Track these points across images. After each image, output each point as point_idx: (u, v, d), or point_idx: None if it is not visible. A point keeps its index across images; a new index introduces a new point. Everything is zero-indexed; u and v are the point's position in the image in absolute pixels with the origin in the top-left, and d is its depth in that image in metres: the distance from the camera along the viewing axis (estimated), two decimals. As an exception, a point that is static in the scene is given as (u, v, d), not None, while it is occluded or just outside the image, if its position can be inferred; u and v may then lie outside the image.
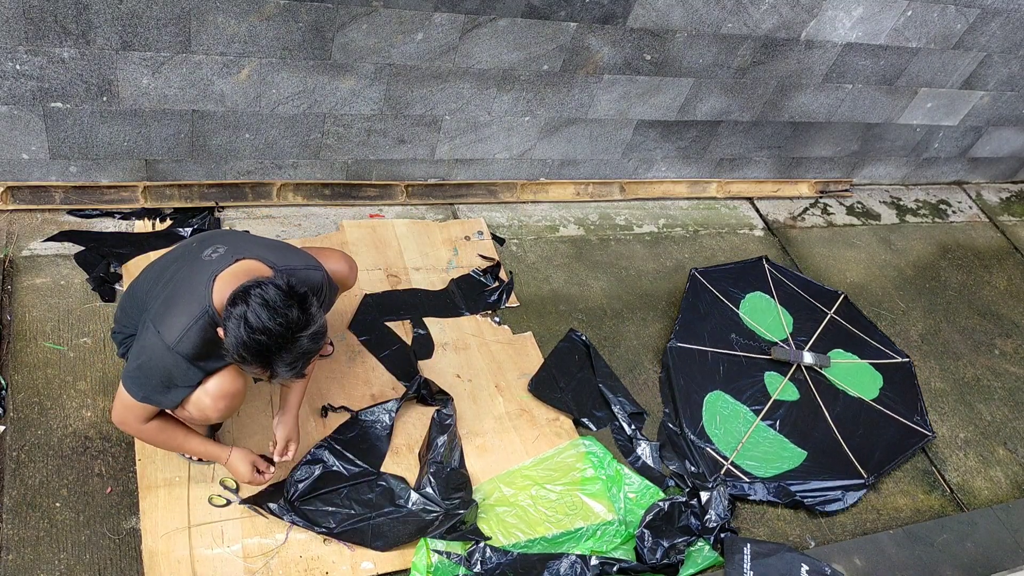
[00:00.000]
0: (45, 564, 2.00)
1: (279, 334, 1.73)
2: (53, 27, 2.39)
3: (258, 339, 1.72)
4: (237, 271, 1.89)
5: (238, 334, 1.73)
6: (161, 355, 1.85)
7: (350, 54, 2.77)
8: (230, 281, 1.85)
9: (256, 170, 3.05)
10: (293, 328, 1.74)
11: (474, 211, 3.43)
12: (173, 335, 1.84)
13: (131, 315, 2.07)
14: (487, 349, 2.88)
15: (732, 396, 2.96)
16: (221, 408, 1.97)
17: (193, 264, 1.94)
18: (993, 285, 4.07)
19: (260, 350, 1.74)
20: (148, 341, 1.87)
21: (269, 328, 1.72)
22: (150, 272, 2.09)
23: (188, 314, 1.85)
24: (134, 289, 2.09)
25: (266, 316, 1.71)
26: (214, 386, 1.94)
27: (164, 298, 1.91)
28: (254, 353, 1.74)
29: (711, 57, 3.32)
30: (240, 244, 2.00)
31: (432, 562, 2.19)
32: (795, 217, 4.10)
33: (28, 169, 2.74)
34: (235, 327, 1.73)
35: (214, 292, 1.85)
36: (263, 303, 1.72)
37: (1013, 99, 4.26)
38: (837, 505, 2.73)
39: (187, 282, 1.90)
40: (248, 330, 1.72)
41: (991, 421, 3.30)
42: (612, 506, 2.50)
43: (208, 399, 1.95)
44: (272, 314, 1.72)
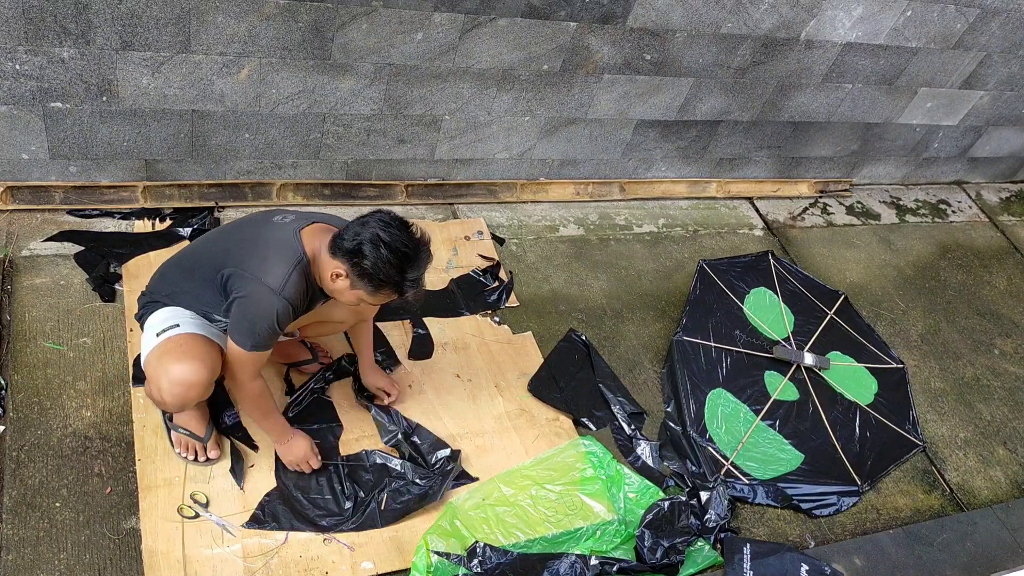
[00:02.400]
0: (45, 564, 1.99)
1: (413, 246, 1.93)
2: (53, 27, 2.39)
3: (398, 253, 1.90)
4: (315, 228, 2.04)
5: (378, 254, 1.89)
6: (270, 301, 1.94)
7: (350, 54, 2.77)
8: (314, 234, 2.02)
9: (256, 170, 3.05)
10: (419, 240, 1.96)
11: (474, 211, 3.43)
12: (278, 281, 1.94)
13: (174, 283, 2.13)
14: (487, 349, 2.88)
15: (733, 394, 2.96)
16: (176, 393, 2.01)
17: (268, 226, 2.05)
18: (993, 285, 4.07)
19: (399, 264, 1.91)
20: (253, 290, 1.95)
21: (404, 241, 1.92)
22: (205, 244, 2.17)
23: (286, 261, 1.96)
24: (182, 258, 2.18)
25: (396, 234, 1.91)
26: (176, 371, 1.99)
27: (254, 253, 1.99)
28: (395, 268, 1.91)
29: (711, 57, 3.32)
30: (301, 213, 2.12)
31: (432, 562, 2.19)
32: (795, 217, 4.10)
33: (28, 169, 2.74)
34: (373, 250, 1.89)
35: (304, 242, 1.99)
36: (386, 225, 1.91)
37: (1013, 99, 4.26)
38: (830, 510, 2.73)
39: (271, 238, 2.01)
40: (387, 249, 1.89)
41: (991, 421, 3.30)
42: (612, 506, 2.50)
43: (165, 381, 2.00)
44: (400, 231, 1.92)
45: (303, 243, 2.00)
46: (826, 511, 2.72)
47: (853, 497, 2.78)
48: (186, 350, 2.02)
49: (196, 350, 2.03)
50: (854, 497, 2.78)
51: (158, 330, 2.07)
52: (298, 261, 1.98)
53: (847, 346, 3.35)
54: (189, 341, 2.04)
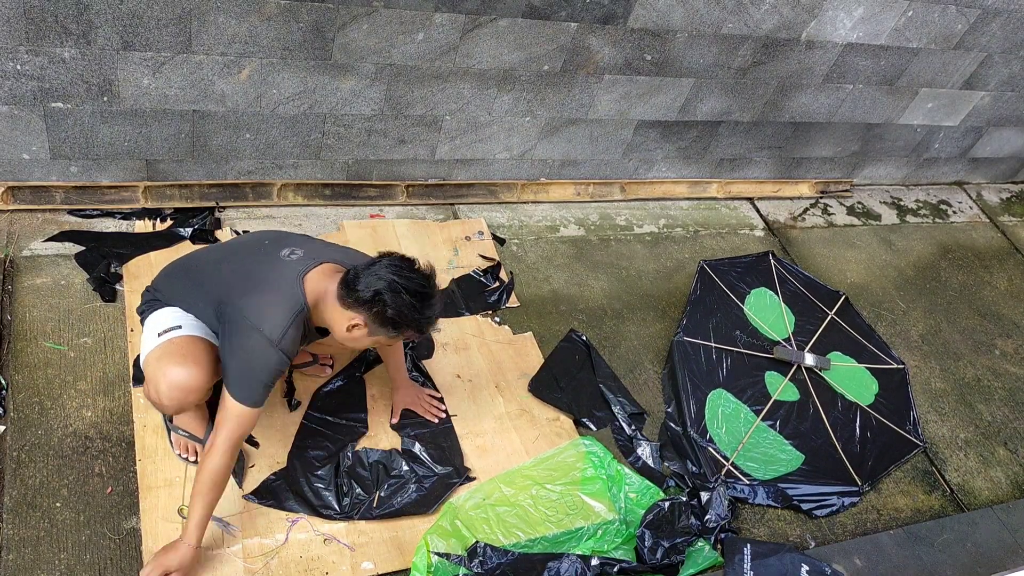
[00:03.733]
0: (45, 564, 2.00)
1: (427, 284, 1.94)
2: (54, 27, 2.39)
3: (417, 295, 1.91)
4: (321, 272, 2.00)
5: (400, 300, 1.89)
6: (266, 353, 1.91)
7: (351, 54, 2.77)
8: (320, 278, 1.99)
9: (257, 170, 3.05)
10: (430, 276, 1.97)
11: (474, 211, 3.43)
12: (276, 332, 1.90)
13: (179, 289, 2.11)
14: (487, 349, 2.88)
15: (734, 395, 2.96)
16: (174, 397, 1.99)
17: (274, 262, 2.02)
18: (993, 285, 4.07)
19: (420, 305, 1.92)
20: (251, 340, 1.91)
21: (420, 282, 1.93)
22: (213, 259, 2.14)
23: (287, 310, 1.93)
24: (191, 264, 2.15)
25: (410, 276, 1.92)
26: (175, 375, 1.97)
27: (254, 293, 1.96)
28: (417, 310, 1.92)
29: (712, 57, 3.32)
30: (309, 245, 2.11)
31: (432, 562, 2.19)
32: (795, 217, 4.10)
33: (29, 169, 2.74)
34: (394, 297, 1.89)
35: (306, 291, 1.96)
36: (398, 269, 1.92)
37: (1014, 99, 4.26)
38: (830, 510, 2.73)
39: (274, 279, 1.98)
40: (408, 293, 1.90)
41: (991, 421, 3.30)
42: (612, 506, 2.50)
43: (164, 384, 1.97)
44: (412, 272, 1.93)
45: (305, 291, 1.96)
46: (826, 511, 2.72)
47: (853, 497, 2.78)
48: (186, 353, 2.00)
49: (196, 354, 2.02)
50: (854, 497, 2.78)
51: (159, 330, 2.06)
52: (298, 312, 1.94)
53: (848, 347, 3.34)
54: (190, 344, 2.03)
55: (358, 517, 2.28)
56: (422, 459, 2.45)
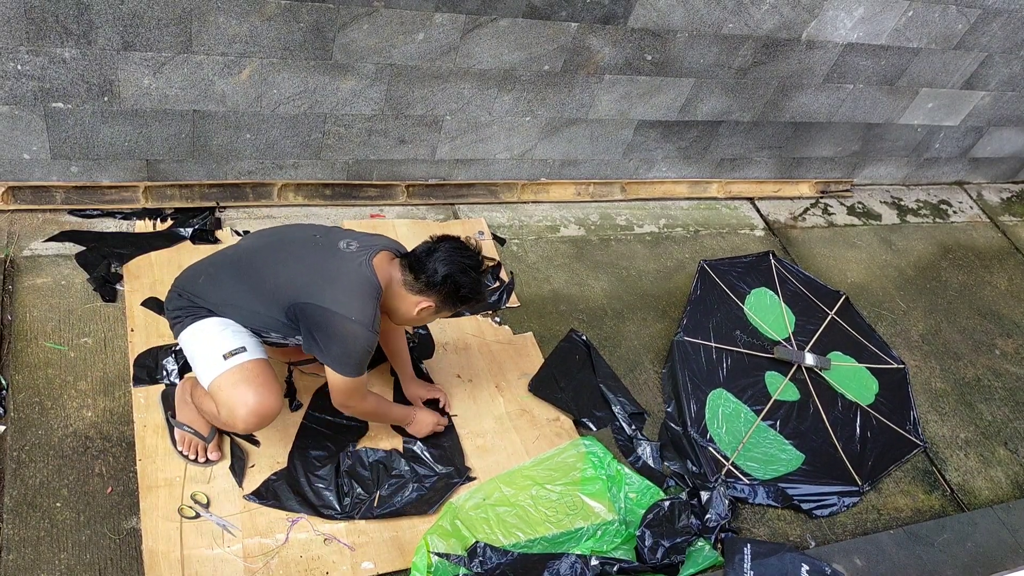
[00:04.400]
0: (45, 564, 2.00)
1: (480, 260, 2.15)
2: (54, 27, 2.39)
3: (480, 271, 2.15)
4: (382, 258, 2.14)
5: (471, 278, 2.11)
6: (365, 336, 2.05)
7: (351, 54, 2.77)
8: (383, 264, 2.13)
9: (257, 170, 3.05)
10: (480, 251, 2.17)
11: (475, 211, 3.43)
12: (368, 317, 2.05)
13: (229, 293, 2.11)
14: (487, 349, 2.88)
15: (734, 395, 2.96)
16: (251, 423, 2.07)
17: (336, 255, 2.11)
18: (994, 285, 4.07)
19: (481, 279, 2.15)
20: (348, 330, 2.03)
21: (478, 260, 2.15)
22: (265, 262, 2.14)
23: (370, 297, 2.07)
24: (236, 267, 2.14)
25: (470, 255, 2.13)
26: (254, 400, 2.04)
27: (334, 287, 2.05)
28: (483, 284, 2.16)
29: (712, 57, 3.32)
30: (359, 236, 2.21)
31: (432, 562, 2.19)
32: (796, 217, 4.10)
33: (29, 169, 2.74)
34: (466, 278, 2.10)
35: (379, 273, 2.10)
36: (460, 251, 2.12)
37: (1014, 99, 4.26)
38: (830, 510, 2.73)
39: (346, 271, 2.08)
40: (477, 271, 2.13)
41: (992, 421, 3.30)
42: (612, 506, 2.50)
43: (243, 410, 2.04)
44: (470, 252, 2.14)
45: (378, 275, 2.10)
46: (826, 511, 2.72)
47: (854, 497, 2.78)
48: (263, 380, 2.07)
49: (270, 379, 2.10)
50: (855, 497, 2.78)
51: (224, 350, 2.05)
52: (378, 295, 2.09)
53: (848, 346, 3.34)
54: (263, 370, 2.09)
55: (359, 516, 2.28)
56: (423, 458, 2.45)
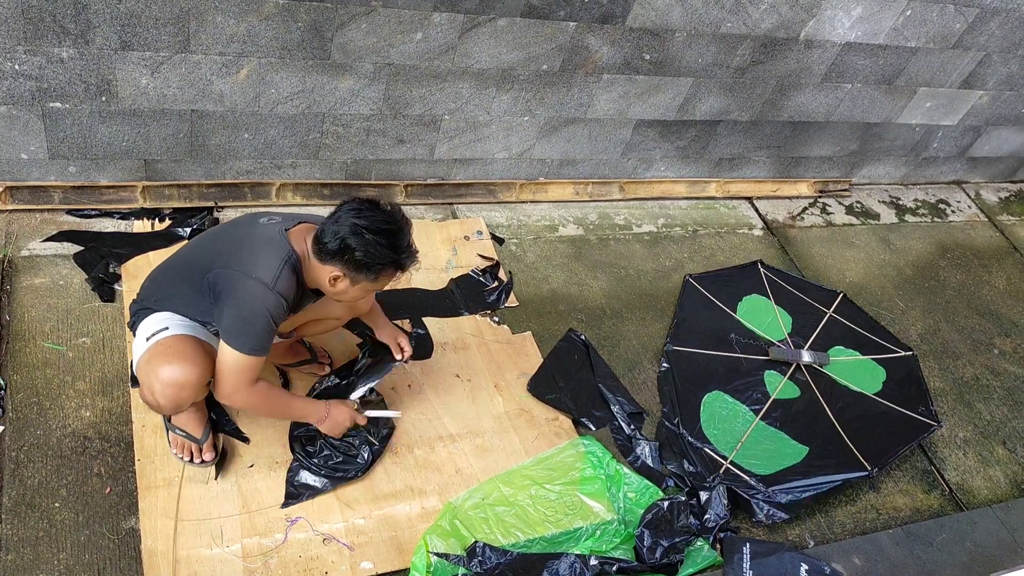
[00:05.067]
0: (44, 564, 1.99)
1: (392, 219, 1.95)
2: (52, 27, 2.39)
3: (382, 232, 1.92)
4: (302, 228, 2.04)
5: (366, 241, 1.91)
6: (263, 297, 1.92)
7: (349, 54, 2.77)
8: (301, 234, 2.02)
9: (255, 170, 3.04)
10: (393, 212, 1.97)
11: (473, 211, 3.43)
12: (270, 275, 1.92)
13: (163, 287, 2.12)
14: (486, 349, 2.88)
15: (731, 396, 2.96)
16: (168, 395, 1.98)
17: (254, 227, 2.04)
18: (992, 284, 4.08)
19: (389, 242, 1.93)
20: (245, 288, 1.92)
21: (383, 219, 1.94)
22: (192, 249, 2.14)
23: (276, 256, 1.95)
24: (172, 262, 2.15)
25: (372, 215, 1.93)
26: (167, 372, 1.96)
27: (242, 252, 1.97)
28: (387, 247, 1.93)
29: (710, 57, 3.32)
30: (286, 214, 2.12)
31: (432, 562, 2.19)
32: (794, 217, 4.10)
33: (27, 169, 2.74)
34: (359, 240, 1.91)
35: (292, 241, 1.99)
36: (358, 212, 1.93)
37: (1012, 99, 4.26)
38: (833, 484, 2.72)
39: (258, 236, 2.00)
40: (372, 233, 1.91)
41: (990, 420, 3.30)
42: (611, 506, 2.50)
43: (157, 384, 1.96)
44: (373, 211, 1.94)
45: (291, 242, 2.00)
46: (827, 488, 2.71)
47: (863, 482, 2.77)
48: (176, 351, 2.00)
49: (186, 351, 2.01)
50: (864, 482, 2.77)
51: (148, 334, 2.05)
52: (287, 257, 1.96)
53: (850, 341, 3.35)
54: (178, 342, 2.02)
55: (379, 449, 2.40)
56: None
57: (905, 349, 3.37)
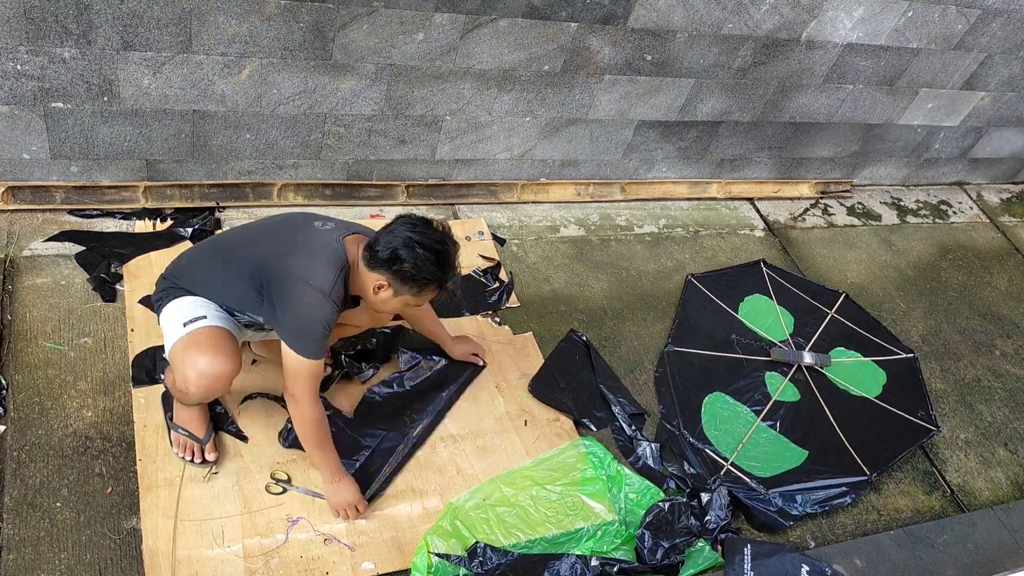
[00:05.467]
0: (45, 564, 2.00)
1: (442, 240, 2.00)
2: (54, 27, 2.39)
3: (432, 249, 1.97)
4: (355, 237, 2.10)
5: (416, 255, 1.96)
6: (320, 305, 1.98)
7: (351, 54, 2.77)
8: (354, 243, 2.07)
9: (257, 170, 3.05)
10: (445, 233, 2.03)
11: (475, 211, 3.43)
12: (327, 283, 1.98)
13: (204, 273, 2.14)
14: (487, 349, 2.87)
15: (732, 397, 2.96)
16: (203, 385, 2.03)
17: (310, 229, 2.10)
18: (994, 286, 4.07)
19: (436, 259, 1.98)
20: (303, 294, 1.98)
21: (435, 238, 1.99)
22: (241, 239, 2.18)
23: (334, 266, 2.01)
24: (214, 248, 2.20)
25: (425, 231, 1.99)
26: (203, 363, 2.01)
27: (300, 254, 2.02)
28: (434, 264, 1.98)
29: (712, 58, 3.32)
30: (339, 221, 2.17)
31: (432, 562, 2.19)
32: (796, 218, 4.10)
33: (29, 169, 2.74)
34: (410, 253, 1.96)
35: (348, 250, 2.05)
36: (413, 227, 1.98)
37: (1014, 100, 4.26)
38: (840, 502, 2.71)
39: (316, 242, 2.05)
40: (423, 248, 1.96)
41: (992, 422, 3.30)
42: (612, 506, 2.50)
43: (193, 373, 2.01)
44: (427, 229, 2.00)
45: (346, 250, 2.05)
46: (835, 502, 2.70)
47: (863, 487, 2.76)
48: (215, 343, 2.04)
49: (225, 344, 2.06)
50: (864, 487, 2.76)
51: (184, 319, 2.07)
52: (342, 267, 2.02)
53: (851, 342, 3.34)
54: (217, 334, 2.06)
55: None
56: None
57: (906, 351, 3.37)
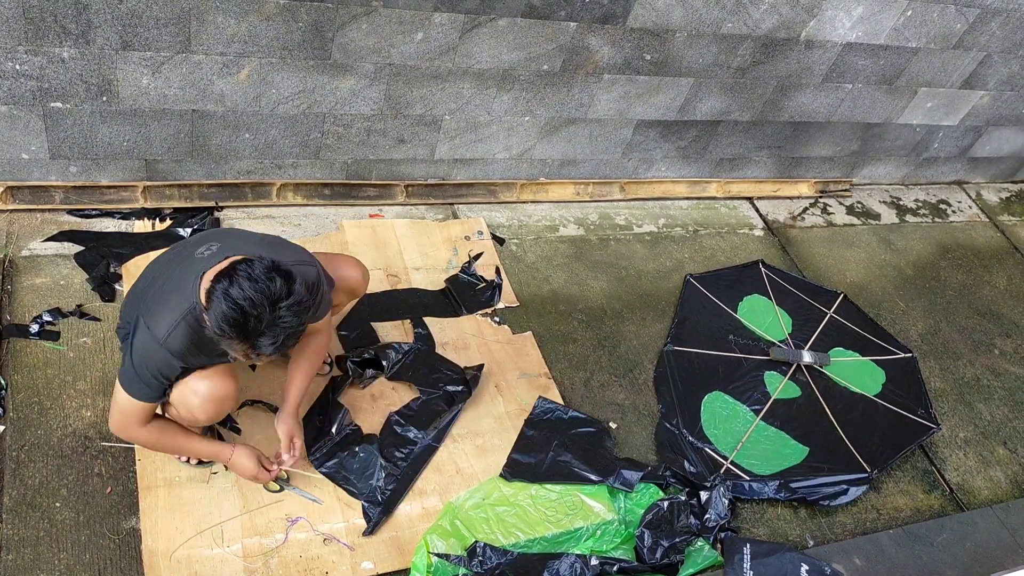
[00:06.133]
0: (45, 564, 2.00)
1: (259, 303, 1.68)
2: (53, 27, 2.39)
3: (239, 309, 1.68)
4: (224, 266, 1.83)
5: (220, 307, 1.69)
6: (152, 350, 1.87)
7: (350, 54, 2.77)
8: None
9: (256, 170, 3.05)
10: (273, 298, 1.69)
11: (474, 211, 3.43)
12: (162, 330, 1.85)
13: (130, 313, 2.07)
14: (487, 349, 2.87)
15: (732, 396, 2.96)
16: (209, 410, 1.99)
17: (186, 262, 1.94)
18: (993, 285, 4.07)
19: (241, 321, 1.69)
20: (139, 338, 1.88)
21: (250, 297, 1.67)
22: (150, 271, 2.10)
23: (177, 310, 1.86)
24: (135, 288, 2.10)
25: (247, 287, 1.68)
26: (204, 387, 1.96)
27: (156, 295, 1.92)
28: (235, 325, 1.69)
29: (711, 57, 3.32)
30: (234, 242, 1.97)
31: (432, 562, 2.19)
32: (795, 217, 4.10)
33: (28, 169, 2.74)
34: (218, 301, 1.69)
35: (201, 288, 1.82)
36: (247, 276, 1.69)
37: (1013, 99, 4.26)
38: (842, 499, 2.71)
39: (178, 279, 1.91)
40: (229, 302, 1.68)
41: (991, 421, 3.30)
42: (612, 505, 2.50)
43: (196, 400, 1.97)
44: (253, 284, 1.68)
45: (201, 288, 1.82)
46: (836, 500, 2.71)
47: (863, 484, 2.77)
48: (209, 369, 1.98)
49: (217, 368, 2.00)
50: (864, 484, 2.77)
51: None
52: (189, 310, 1.84)
53: (850, 341, 3.35)
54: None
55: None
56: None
57: (905, 351, 3.37)
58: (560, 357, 2.95)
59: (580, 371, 2.93)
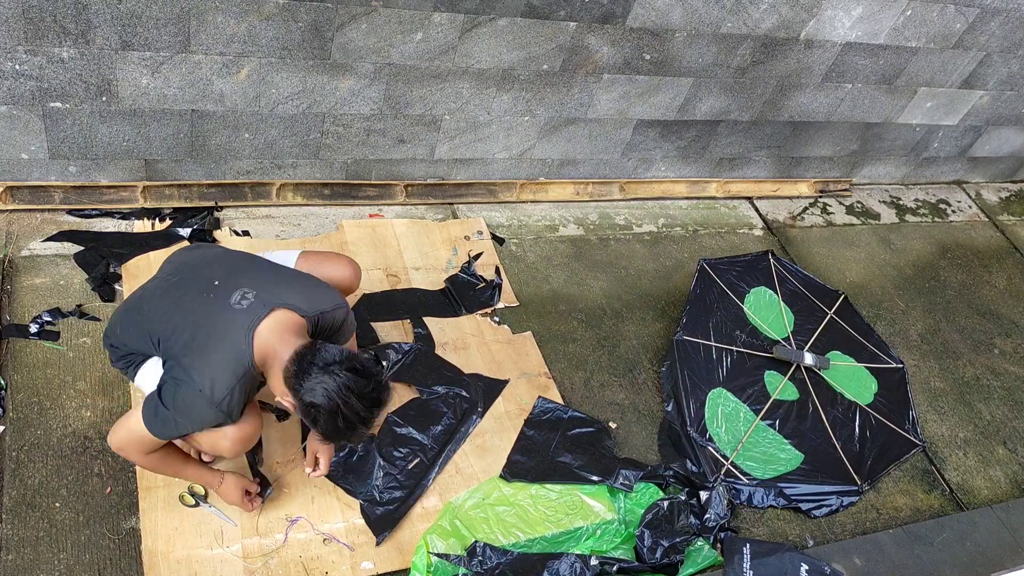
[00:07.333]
0: (45, 564, 2.00)
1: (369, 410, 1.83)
2: (52, 27, 2.39)
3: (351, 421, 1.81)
4: (274, 326, 1.90)
5: (331, 424, 1.81)
6: (202, 409, 1.85)
7: (349, 54, 2.77)
8: (272, 331, 1.89)
9: (255, 170, 3.05)
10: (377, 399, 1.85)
11: (473, 211, 3.43)
12: (219, 393, 1.84)
13: (136, 341, 2.02)
14: (487, 349, 2.87)
15: (733, 394, 2.96)
16: (237, 450, 1.98)
17: (223, 310, 1.91)
18: (992, 284, 4.07)
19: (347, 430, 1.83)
20: (190, 397, 1.84)
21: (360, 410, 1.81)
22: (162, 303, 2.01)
23: (232, 372, 1.85)
24: (139, 313, 2.03)
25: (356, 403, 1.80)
26: (233, 432, 1.92)
27: (197, 346, 1.88)
28: (342, 434, 1.85)
29: (711, 57, 3.32)
30: (265, 286, 1.97)
31: (432, 562, 2.19)
32: (795, 217, 4.10)
33: (27, 169, 2.74)
34: (328, 419, 1.80)
35: (255, 348, 1.87)
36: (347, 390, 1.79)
37: (1012, 98, 4.26)
38: (829, 510, 2.73)
39: (222, 332, 1.88)
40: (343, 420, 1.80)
41: (991, 420, 3.30)
42: (612, 505, 2.50)
43: (226, 443, 1.94)
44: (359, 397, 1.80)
45: (254, 348, 1.87)
46: (825, 511, 2.72)
47: (853, 497, 2.78)
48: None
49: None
50: (854, 497, 2.78)
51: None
52: (245, 373, 1.86)
53: (847, 346, 3.34)
54: None
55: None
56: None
57: (896, 361, 3.36)
58: (560, 357, 2.95)
59: (580, 371, 2.93)
